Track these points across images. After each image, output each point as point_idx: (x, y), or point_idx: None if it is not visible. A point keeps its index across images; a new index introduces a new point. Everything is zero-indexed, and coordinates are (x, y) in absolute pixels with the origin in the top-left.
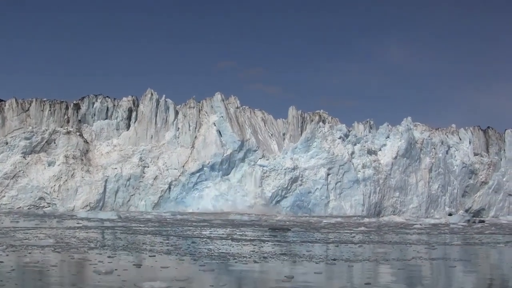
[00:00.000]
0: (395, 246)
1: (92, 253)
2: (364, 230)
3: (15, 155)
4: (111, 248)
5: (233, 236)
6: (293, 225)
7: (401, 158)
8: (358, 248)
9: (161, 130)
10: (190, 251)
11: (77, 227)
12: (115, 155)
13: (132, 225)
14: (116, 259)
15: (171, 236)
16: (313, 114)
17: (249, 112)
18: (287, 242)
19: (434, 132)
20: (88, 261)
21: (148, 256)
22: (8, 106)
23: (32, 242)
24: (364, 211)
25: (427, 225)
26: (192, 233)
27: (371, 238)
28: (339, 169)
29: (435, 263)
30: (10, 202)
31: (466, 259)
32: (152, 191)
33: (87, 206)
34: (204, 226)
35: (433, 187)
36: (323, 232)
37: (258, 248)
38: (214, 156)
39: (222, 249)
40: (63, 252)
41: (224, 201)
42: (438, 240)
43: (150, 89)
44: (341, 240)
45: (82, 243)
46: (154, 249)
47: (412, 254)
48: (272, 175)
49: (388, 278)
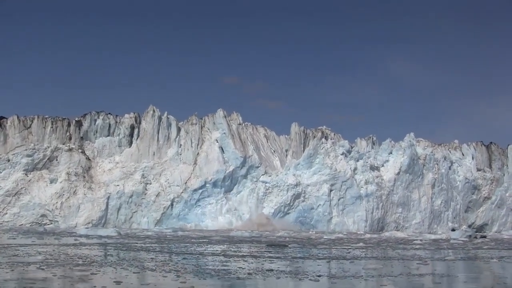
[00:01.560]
0: (387, 262)
1: (76, 270)
2: (362, 246)
3: (17, 172)
4: (98, 265)
5: (227, 252)
6: (292, 241)
7: (404, 174)
8: (349, 264)
9: (163, 146)
10: (176, 267)
11: (72, 244)
12: (117, 172)
13: (129, 242)
14: (98, 276)
15: (164, 252)
16: (315, 130)
17: (251, 129)
18: (279, 258)
19: (437, 147)
20: (69, 278)
21: (132, 273)
22: (10, 123)
23: (20, 259)
24: (367, 227)
25: (427, 240)
26: (186, 250)
27: (365, 254)
28: (342, 185)
29: (421, 280)
30: (12, 220)
31: (454, 275)
32: (155, 208)
33: (90, 223)
34: (202, 243)
35: (436, 203)
36: (319, 248)
37: (247, 265)
38: (216, 172)
39: (210, 265)
40: (47, 269)
41: (227, 218)
42: (433, 256)
43: (152, 106)
44: (334, 256)
45: (71, 259)
46: (142, 266)
47: (402, 270)
48: (274, 191)
49: None
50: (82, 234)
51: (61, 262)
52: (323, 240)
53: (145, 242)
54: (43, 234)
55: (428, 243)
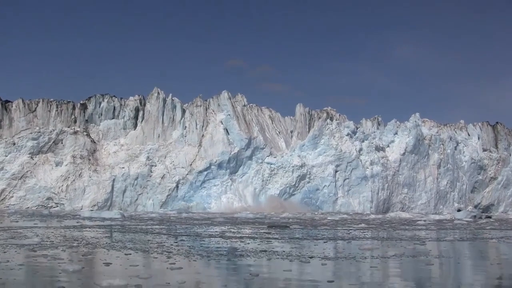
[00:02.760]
0: (384, 243)
1: (68, 251)
2: (364, 226)
3: (23, 155)
4: (92, 246)
5: (226, 234)
6: (295, 223)
7: (409, 154)
8: (346, 245)
9: (168, 129)
10: (169, 249)
11: (73, 227)
12: (123, 154)
13: (131, 223)
14: (90, 257)
15: (162, 234)
16: (320, 111)
17: (256, 110)
18: (277, 239)
19: (443, 128)
20: (60, 260)
21: (124, 254)
22: (15, 107)
23: (16, 242)
24: (373, 208)
25: (431, 221)
26: (186, 231)
27: (365, 235)
28: (347, 166)
29: (413, 261)
30: (18, 203)
31: (449, 256)
32: (160, 190)
33: (95, 206)
34: (203, 224)
35: (441, 183)
36: (320, 229)
37: (243, 245)
38: (221, 154)
39: (205, 246)
40: (39, 251)
41: (232, 199)
42: (433, 236)
43: (156, 88)
44: (333, 237)
45: (66, 241)
46: (135, 247)
47: (397, 250)
48: (280, 172)
49: (355, 276)
50: (86, 217)
51: (56, 244)
52: (326, 221)
53: (147, 224)
54: (47, 217)
55: (432, 223)
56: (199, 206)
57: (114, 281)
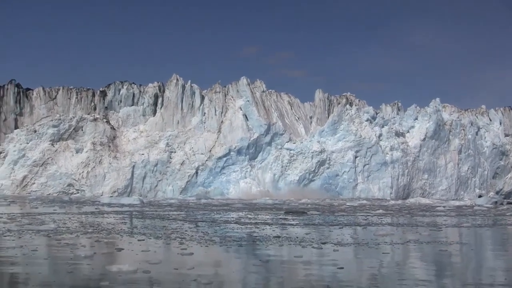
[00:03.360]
0: (400, 229)
1: (82, 237)
2: (381, 212)
3: (44, 142)
4: (107, 232)
5: (241, 220)
6: (314, 208)
7: (430, 140)
8: (360, 231)
9: (187, 115)
10: (183, 235)
11: (91, 213)
12: (142, 141)
13: (148, 209)
14: (103, 243)
15: (178, 220)
16: (340, 96)
17: (275, 96)
18: (292, 225)
19: (463, 113)
20: (73, 245)
21: (137, 240)
22: (35, 94)
23: (32, 227)
24: (393, 194)
25: (451, 207)
26: (202, 217)
27: (381, 221)
28: (367, 151)
29: (426, 247)
30: (39, 189)
31: (463, 242)
32: (179, 176)
33: (115, 192)
34: (221, 210)
35: (462, 169)
36: (337, 215)
37: (257, 231)
38: (240, 140)
39: (219, 232)
40: (53, 237)
41: (251, 185)
42: (450, 223)
43: (175, 75)
44: (349, 222)
45: (82, 227)
46: (149, 233)
47: (412, 237)
48: (299, 158)
49: (365, 262)
50: (105, 203)
51: (72, 230)
52: (345, 207)
53: (164, 210)
54: (66, 203)
55: (451, 209)
56: (217, 191)
57: (123, 267)
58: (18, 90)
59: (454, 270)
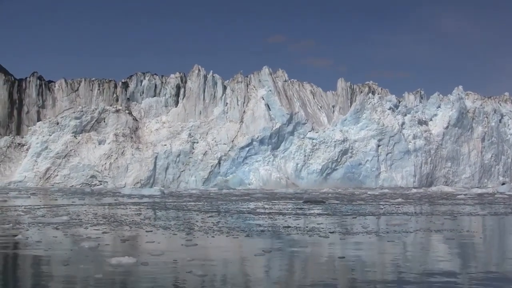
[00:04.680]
0: (414, 218)
1: (91, 229)
2: (400, 201)
3: (66, 134)
4: (118, 224)
5: (256, 210)
6: (334, 198)
7: (453, 128)
8: (373, 220)
9: (209, 105)
10: (192, 226)
11: (108, 204)
12: (164, 131)
13: (167, 200)
14: (109, 234)
15: (193, 211)
16: (362, 85)
17: (297, 85)
18: (305, 215)
19: (487, 100)
20: (79, 237)
21: (145, 231)
22: (58, 86)
23: (45, 220)
24: (416, 182)
25: (472, 195)
26: (217, 208)
27: (397, 210)
28: (390, 140)
29: (435, 236)
30: (63, 181)
31: (474, 230)
32: (202, 167)
33: (138, 183)
34: (239, 200)
35: (486, 157)
36: (355, 204)
37: (270, 221)
38: (263, 130)
39: (230, 223)
40: (62, 229)
41: (274, 175)
42: (466, 211)
43: (197, 65)
44: (364, 212)
45: (95, 219)
46: (158, 224)
47: (424, 225)
48: (322, 147)
49: (368, 251)
50: (125, 194)
51: (83, 222)
52: (365, 196)
53: (183, 201)
54: (87, 195)
55: (472, 197)
56: (235, 179)
57: (123, 259)
58: (40, 83)
59: (454, 259)
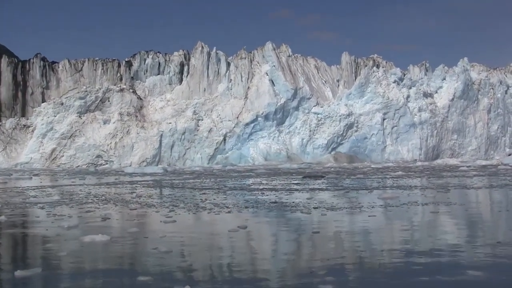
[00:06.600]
0: (406, 192)
1: (76, 208)
2: (399, 174)
3: (71, 115)
4: (104, 202)
5: (252, 186)
6: (336, 172)
7: (458, 100)
8: (363, 195)
9: (213, 82)
10: (177, 203)
11: (106, 183)
12: (169, 109)
13: (167, 178)
14: (92, 213)
15: (187, 188)
16: (367, 59)
17: (301, 60)
18: (298, 190)
19: (492, 72)
20: (61, 216)
21: (129, 210)
22: (61, 67)
23: (35, 200)
24: (422, 155)
25: (476, 167)
26: (213, 185)
27: (392, 183)
28: (395, 113)
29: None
30: (69, 162)
31: (461, 203)
32: (207, 144)
33: (144, 162)
34: (239, 177)
35: (492, 128)
36: (353, 179)
37: (259, 197)
38: (267, 106)
39: (218, 199)
40: (48, 208)
41: (279, 150)
42: (461, 184)
43: (200, 42)
44: (357, 186)
45: (85, 198)
46: (145, 202)
47: (413, 199)
48: (327, 122)
49: (344, 226)
50: (128, 173)
51: (72, 201)
52: (367, 169)
53: (182, 178)
54: (90, 175)
55: (474, 169)
56: (235, 155)
57: (96, 237)
58: (44, 64)
59: (429, 231)
